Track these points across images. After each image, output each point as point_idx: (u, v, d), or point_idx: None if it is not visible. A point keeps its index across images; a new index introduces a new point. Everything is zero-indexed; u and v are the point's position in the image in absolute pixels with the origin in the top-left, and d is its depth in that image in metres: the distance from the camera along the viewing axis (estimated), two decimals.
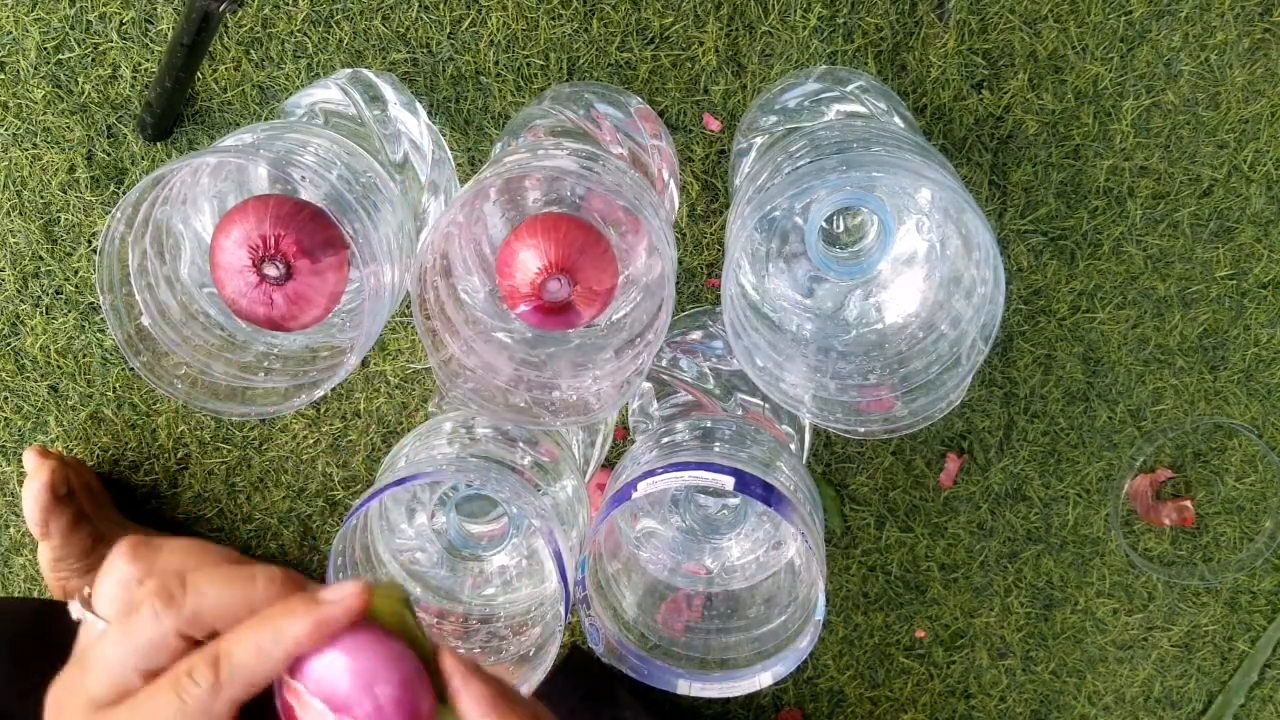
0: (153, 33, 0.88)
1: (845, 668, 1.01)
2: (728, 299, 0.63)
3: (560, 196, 0.71)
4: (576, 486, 0.78)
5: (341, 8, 0.87)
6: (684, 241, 0.92)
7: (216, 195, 0.70)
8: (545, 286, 0.65)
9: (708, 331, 0.89)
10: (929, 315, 0.70)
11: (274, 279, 0.64)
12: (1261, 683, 1.01)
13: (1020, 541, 0.99)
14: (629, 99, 0.86)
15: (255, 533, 0.98)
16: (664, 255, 0.63)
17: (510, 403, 0.69)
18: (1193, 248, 0.92)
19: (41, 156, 0.90)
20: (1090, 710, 1.02)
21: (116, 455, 0.96)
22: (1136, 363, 0.95)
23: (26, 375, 0.94)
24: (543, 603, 0.75)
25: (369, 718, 0.39)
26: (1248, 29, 0.88)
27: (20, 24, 0.88)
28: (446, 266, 0.68)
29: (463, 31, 0.88)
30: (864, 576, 0.99)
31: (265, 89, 0.89)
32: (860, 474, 0.97)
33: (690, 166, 0.90)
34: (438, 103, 0.89)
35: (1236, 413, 0.96)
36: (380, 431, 0.96)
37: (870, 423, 0.68)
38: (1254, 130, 0.90)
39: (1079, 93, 0.89)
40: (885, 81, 0.88)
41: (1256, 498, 0.98)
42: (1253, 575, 0.99)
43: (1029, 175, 0.91)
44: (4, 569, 0.99)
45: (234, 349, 0.70)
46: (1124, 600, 1.00)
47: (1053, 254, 0.92)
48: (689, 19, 0.87)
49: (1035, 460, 0.97)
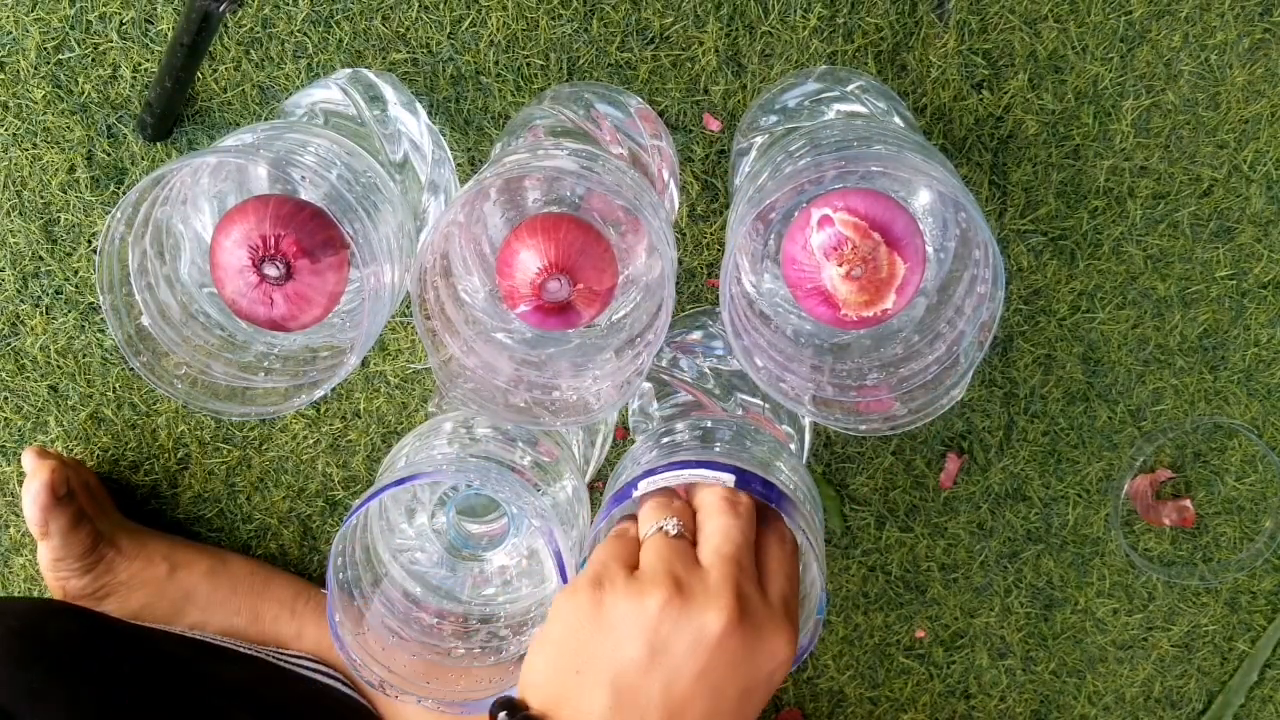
0: (153, 33, 0.88)
1: (845, 668, 1.01)
2: (727, 299, 0.63)
3: (560, 196, 0.71)
4: (576, 486, 0.78)
5: (341, 8, 0.87)
6: (684, 241, 0.92)
7: (216, 195, 0.70)
8: (545, 286, 0.65)
9: (708, 331, 0.89)
10: (928, 316, 0.70)
11: (274, 279, 0.64)
12: (1261, 683, 1.01)
13: (1020, 541, 0.99)
14: (629, 99, 0.86)
15: (255, 533, 0.98)
16: (664, 255, 0.63)
17: (510, 403, 0.69)
18: (1193, 248, 0.92)
19: (41, 156, 0.90)
20: (1090, 710, 1.02)
21: (116, 455, 0.96)
22: (1136, 363, 0.95)
23: (26, 375, 0.94)
24: (543, 603, 0.75)
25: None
26: (1248, 29, 0.88)
27: (20, 24, 0.88)
28: (446, 266, 0.68)
29: (463, 31, 0.88)
30: (864, 576, 0.99)
31: (265, 89, 0.89)
32: (860, 474, 0.97)
33: (690, 166, 0.90)
34: (438, 103, 0.89)
35: (1236, 413, 0.96)
36: (380, 431, 0.96)
37: (871, 421, 0.68)
38: (1254, 130, 0.90)
39: (1079, 93, 0.89)
40: (885, 81, 0.88)
41: (1256, 498, 0.98)
42: (1253, 575, 0.99)
43: (1029, 175, 0.91)
44: (4, 569, 0.99)
45: (234, 349, 0.70)
46: (1124, 600, 1.00)
47: (1053, 254, 0.92)
48: (689, 19, 0.87)
49: (1035, 460, 0.97)
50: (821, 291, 0.65)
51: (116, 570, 0.90)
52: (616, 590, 0.53)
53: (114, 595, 0.90)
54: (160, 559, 0.92)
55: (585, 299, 0.66)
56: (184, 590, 0.92)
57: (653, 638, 0.52)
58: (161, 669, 0.86)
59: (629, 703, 0.51)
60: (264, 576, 0.95)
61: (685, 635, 0.52)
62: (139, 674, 0.84)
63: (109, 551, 0.90)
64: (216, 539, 0.98)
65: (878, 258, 0.64)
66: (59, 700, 0.78)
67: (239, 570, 0.95)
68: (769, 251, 0.72)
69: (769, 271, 0.72)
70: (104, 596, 0.90)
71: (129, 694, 0.81)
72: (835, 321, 0.66)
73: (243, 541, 0.98)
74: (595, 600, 0.53)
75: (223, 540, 0.98)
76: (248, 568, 0.95)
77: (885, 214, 0.64)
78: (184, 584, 0.92)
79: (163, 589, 0.92)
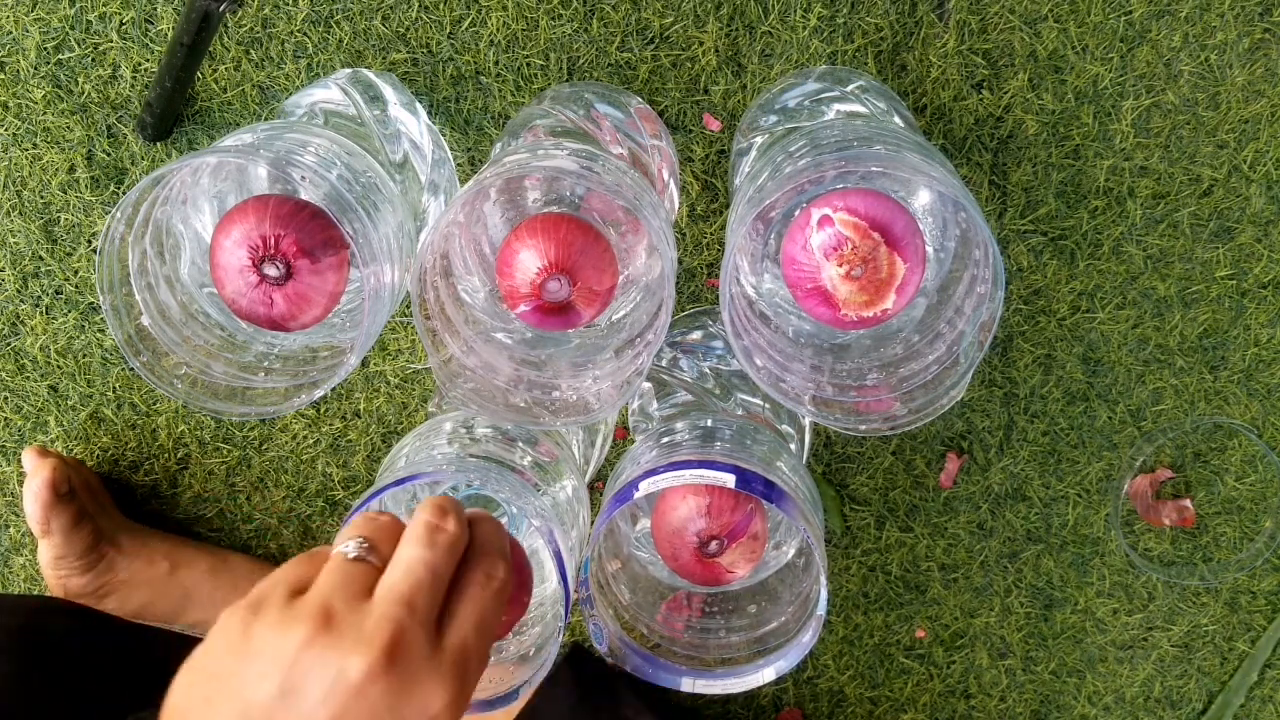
0: (153, 33, 0.88)
1: (845, 668, 1.01)
2: (727, 299, 0.63)
3: (560, 196, 0.71)
4: (576, 487, 0.78)
5: (341, 8, 0.87)
6: (684, 241, 0.92)
7: (216, 195, 0.70)
8: (545, 286, 0.65)
9: (708, 331, 0.89)
10: (928, 316, 0.70)
11: (274, 279, 0.64)
12: (1261, 683, 1.01)
13: (1020, 541, 0.99)
14: (629, 99, 0.86)
15: (255, 533, 0.98)
16: (664, 255, 0.63)
17: (510, 403, 0.69)
18: (1193, 248, 0.92)
19: (41, 156, 0.90)
20: (1090, 710, 1.02)
21: (116, 455, 0.96)
22: (1136, 363, 0.95)
23: (26, 375, 0.94)
24: (543, 603, 0.75)
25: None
26: (1248, 29, 0.88)
27: (20, 24, 0.88)
28: (446, 266, 0.68)
29: (463, 31, 0.88)
30: (864, 576, 0.99)
31: (265, 89, 0.89)
32: (860, 474, 0.97)
33: (690, 166, 0.90)
34: (438, 103, 0.89)
35: (1236, 413, 0.96)
36: (380, 431, 0.96)
37: (871, 421, 0.68)
38: (1254, 130, 0.90)
39: (1079, 93, 0.89)
40: (885, 81, 0.88)
41: (1256, 498, 0.98)
42: (1253, 575, 0.99)
43: (1029, 175, 0.91)
44: (4, 569, 0.99)
45: (234, 349, 0.70)
46: (1124, 600, 1.00)
47: (1053, 254, 0.92)
48: (689, 19, 0.87)
49: (1035, 460, 0.97)
50: (821, 291, 0.65)
51: (117, 569, 0.90)
52: (268, 617, 0.48)
53: (115, 594, 0.91)
54: (161, 558, 0.92)
55: (585, 299, 0.66)
56: (185, 589, 0.92)
57: (288, 675, 0.47)
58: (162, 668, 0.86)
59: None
60: (264, 575, 0.95)
61: (323, 677, 0.47)
62: (139, 673, 0.84)
63: (110, 550, 0.90)
64: (216, 539, 0.98)
65: (878, 258, 0.64)
66: (59, 698, 0.78)
67: (240, 569, 0.95)
68: (769, 251, 0.72)
69: (769, 271, 0.72)
70: (105, 595, 0.90)
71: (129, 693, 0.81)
72: (835, 321, 0.66)
73: (243, 541, 0.98)
74: (245, 624, 0.48)
75: (223, 540, 0.98)
76: (248, 566, 0.95)
77: (885, 214, 0.64)
78: (185, 583, 0.92)
79: (163, 588, 0.92)
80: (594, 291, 0.66)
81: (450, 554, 0.52)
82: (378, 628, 0.48)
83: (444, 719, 0.49)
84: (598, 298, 0.67)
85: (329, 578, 0.50)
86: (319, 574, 0.51)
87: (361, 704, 0.47)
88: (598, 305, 0.67)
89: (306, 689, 0.47)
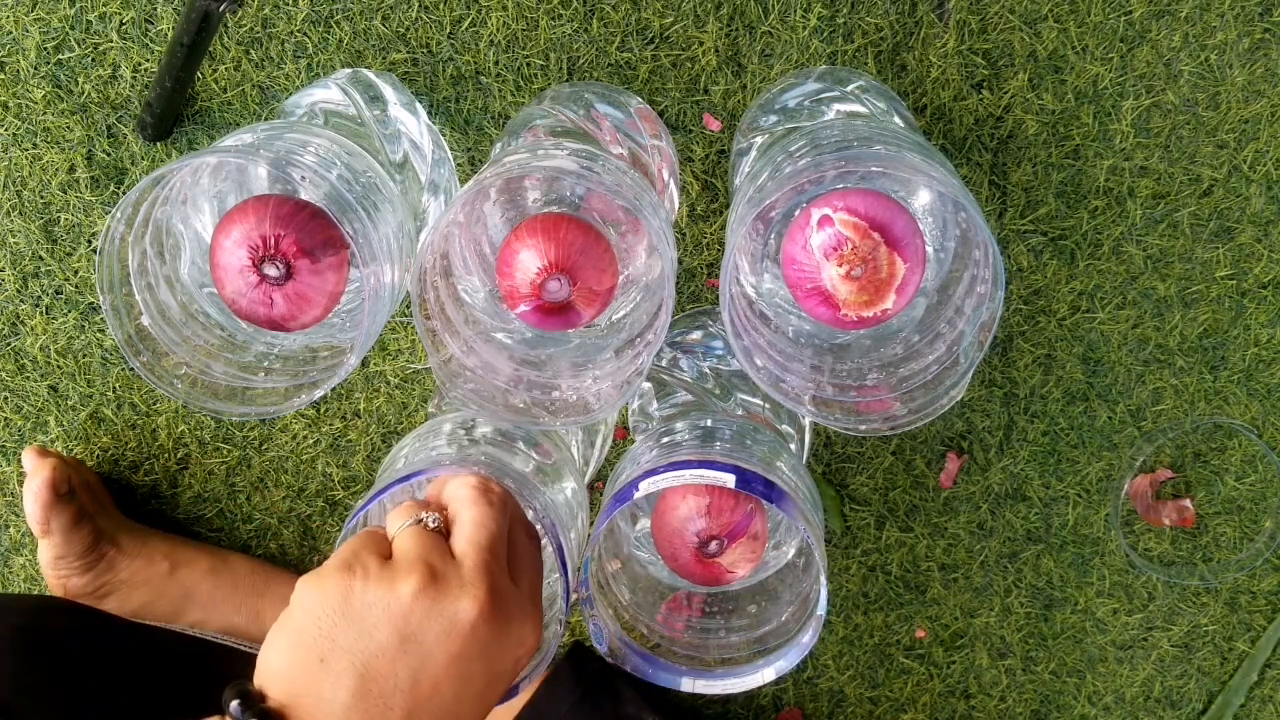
0: (153, 33, 0.88)
1: (845, 668, 1.01)
2: (727, 299, 0.63)
3: (560, 196, 0.71)
4: (576, 488, 0.78)
5: (341, 8, 0.87)
6: (684, 241, 0.92)
7: (216, 195, 0.70)
8: (545, 286, 0.65)
9: (708, 331, 0.89)
10: (928, 316, 0.70)
11: (274, 279, 0.65)
12: (1261, 683, 1.01)
13: (1020, 541, 0.99)
14: (629, 99, 0.86)
15: (255, 533, 0.98)
16: (664, 255, 0.63)
17: (510, 403, 0.69)
18: (1193, 248, 0.92)
19: (41, 156, 0.90)
20: (1090, 710, 1.02)
21: (116, 455, 0.96)
22: (1136, 363, 0.95)
23: (26, 375, 0.94)
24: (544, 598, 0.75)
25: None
26: (1248, 29, 0.88)
27: (20, 24, 0.88)
28: (446, 266, 0.68)
29: (463, 31, 0.88)
30: (864, 576, 0.99)
31: (265, 89, 0.89)
32: (860, 474, 0.97)
33: (690, 166, 0.90)
34: (438, 103, 0.89)
35: (1236, 413, 0.96)
36: (380, 431, 0.96)
37: (871, 421, 0.68)
38: (1254, 130, 0.90)
39: (1079, 93, 0.89)
40: (885, 81, 0.88)
41: (1256, 498, 0.98)
42: (1253, 575, 0.99)
43: (1029, 175, 0.91)
44: (4, 568, 0.99)
45: (234, 349, 0.70)
46: (1124, 600, 1.00)
47: (1053, 254, 0.92)
48: (689, 19, 0.87)
49: (1035, 460, 0.97)
50: (821, 291, 0.65)
51: (117, 568, 0.90)
52: (369, 577, 0.53)
53: (115, 593, 0.91)
54: (161, 557, 0.92)
55: (585, 299, 0.66)
56: (185, 589, 0.92)
57: (403, 625, 0.52)
58: (162, 667, 0.86)
59: (374, 690, 0.51)
60: (264, 575, 0.95)
61: (438, 623, 0.52)
62: (139, 672, 0.84)
63: (110, 550, 0.90)
64: (216, 539, 0.98)
65: (878, 258, 0.64)
66: (59, 697, 0.78)
67: (240, 569, 0.95)
68: (769, 251, 0.72)
69: (769, 271, 0.72)
70: (105, 595, 0.90)
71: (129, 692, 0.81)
72: (835, 321, 0.66)
73: (243, 541, 0.98)
74: (344, 587, 0.52)
75: (223, 540, 0.98)
76: (248, 566, 0.95)
77: (885, 214, 0.64)
78: (185, 582, 0.92)
79: (163, 587, 0.92)
80: (594, 291, 0.66)
81: (504, 510, 0.58)
82: (478, 575, 0.53)
83: (533, 651, 0.56)
84: (598, 298, 0.67)
85: (419, 541, 0.55)
86: (396, 542, 0.56)
87: (474, 642, 0.52)
88: (598, 305, 0.67)
89: (423, 635, 0.52)
